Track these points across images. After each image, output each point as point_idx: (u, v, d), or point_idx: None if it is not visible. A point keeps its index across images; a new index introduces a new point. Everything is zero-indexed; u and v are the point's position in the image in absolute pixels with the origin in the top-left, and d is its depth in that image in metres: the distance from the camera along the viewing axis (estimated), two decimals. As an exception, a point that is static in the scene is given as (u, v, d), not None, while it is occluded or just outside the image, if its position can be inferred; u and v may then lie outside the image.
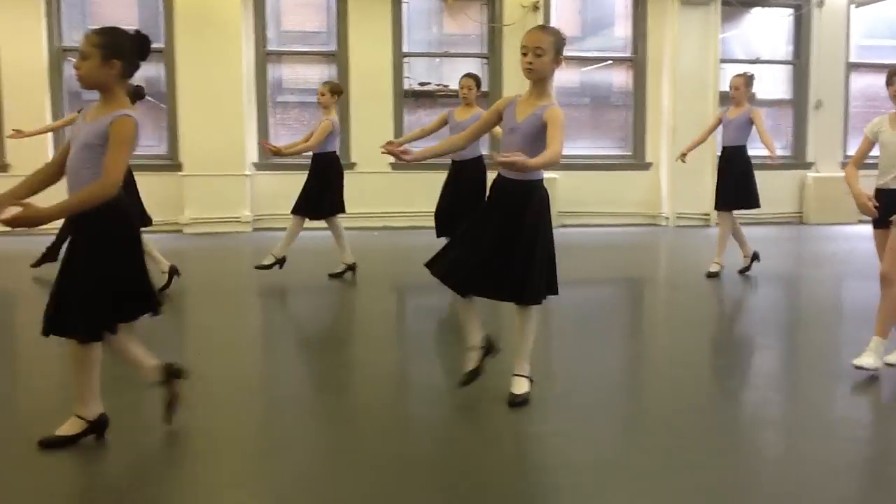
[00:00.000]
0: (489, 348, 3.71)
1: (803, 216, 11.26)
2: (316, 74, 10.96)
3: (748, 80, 6.87)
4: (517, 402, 3.59)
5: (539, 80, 3.55)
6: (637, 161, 11.07)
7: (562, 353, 4.80)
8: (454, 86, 10.91)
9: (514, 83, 10.53)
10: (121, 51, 3.02)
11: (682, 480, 2.90)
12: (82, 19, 10.47)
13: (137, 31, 3.13)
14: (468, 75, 6.86)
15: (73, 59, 9.97)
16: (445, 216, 6.48)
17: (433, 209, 6.72)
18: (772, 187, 8.27)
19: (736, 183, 6.84)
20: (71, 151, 3.05)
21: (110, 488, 2.94)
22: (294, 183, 6.85)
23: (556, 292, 3.65)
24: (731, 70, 9.38)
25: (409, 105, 10.78)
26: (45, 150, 9.18)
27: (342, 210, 6.83)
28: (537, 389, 3.71)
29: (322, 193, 6.70)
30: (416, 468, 3.02)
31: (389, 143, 3.83)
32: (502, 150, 3.50)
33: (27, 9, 9.73)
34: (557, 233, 3.67)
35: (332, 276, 6.74)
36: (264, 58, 10.35)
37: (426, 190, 10.41)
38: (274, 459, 3.12)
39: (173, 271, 6.13)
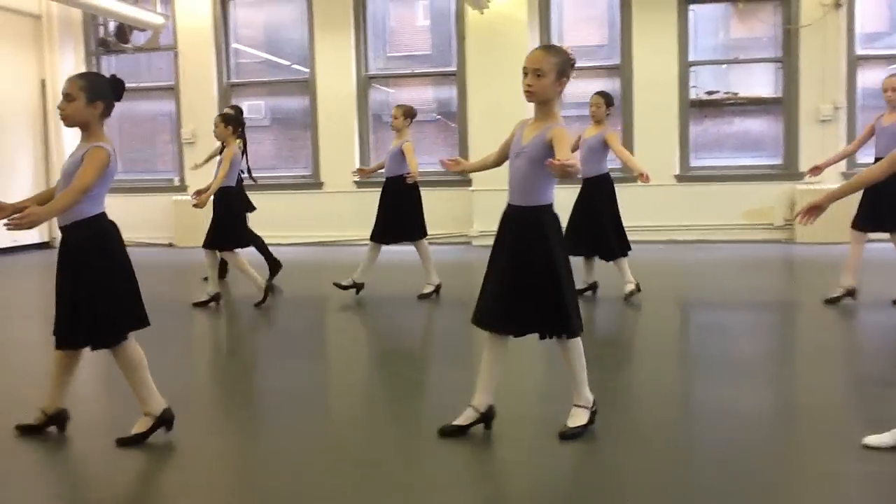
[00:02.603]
0: (487, 418, 3.48)
1: None
2: (596, 88, 11.01)
3: None
4: (566, 435, 3.40)
5: (542, 103, 3.38)
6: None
7: None
8: (744, 93, 10.48)
9: (813, 88, 9.86)
10: (103, 93, 3.43)
11: None
12: (384, 48, 11.44)
13: (114, 76, 3.51)
14: (595, 94, 6.66)
15: (378, 86, 11.06)
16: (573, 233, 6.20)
17: (720, 222, 6.49)
18: None
19: (884, 201, 5.73)
20: (60, 183, 3.44)
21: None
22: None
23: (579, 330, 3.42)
24: None
25: (694, 115, 10.48)
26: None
27: (425, 233, 6.82)
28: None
29: (402, 217, 6.69)
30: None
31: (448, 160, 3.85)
32: (509, 174, 3.42)
33: (339, 41, 10.84)
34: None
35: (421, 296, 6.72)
36: (549, 75, 10.61)
37: (714, 203, 10.13)
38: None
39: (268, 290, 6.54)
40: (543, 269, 3.32)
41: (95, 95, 3.41)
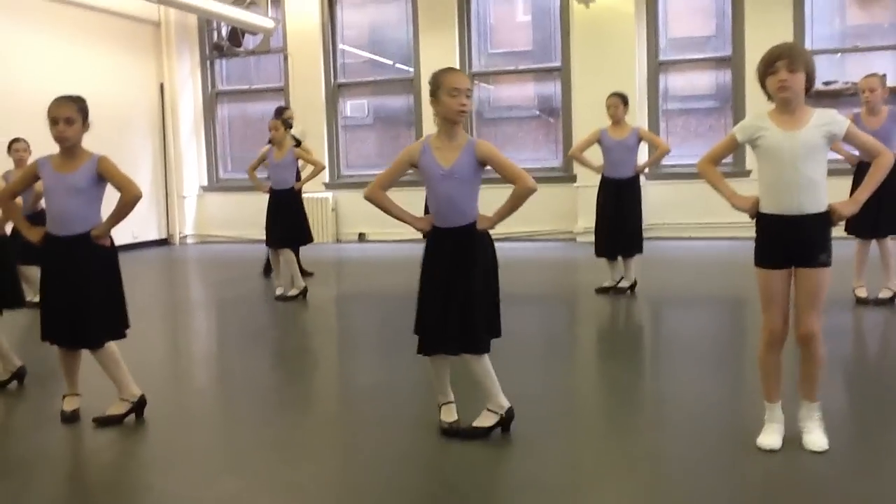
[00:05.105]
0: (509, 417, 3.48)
1: None
2: (705, 80, 10.77)
3: (882, 80, 5.78)
4: (465, 434, 3.43)
5: (457, 123, 3.40)
6: None
7: None
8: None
9: (940, 75, 9.33)
10: (88, 113, 3.68)
11: None
12: (485, 45, 11.46)
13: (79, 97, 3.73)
14: (614, 95, 6.65)
15: (479, 83, 11.07)
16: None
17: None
18: None
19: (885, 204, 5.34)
20: (52, 198, 3.65)
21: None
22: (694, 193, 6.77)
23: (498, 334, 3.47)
24: None
25: (811, 106, 10.05)
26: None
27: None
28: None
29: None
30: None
31: None
32: (434, 197, 3.39)
33: (444, 40, 10.92)
34: None
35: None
36: (656, 68, 10.42)
37: (830, 197, 9.72)
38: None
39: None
40: (479, 286, 3.37)
41: (86, 116, 3.68)
